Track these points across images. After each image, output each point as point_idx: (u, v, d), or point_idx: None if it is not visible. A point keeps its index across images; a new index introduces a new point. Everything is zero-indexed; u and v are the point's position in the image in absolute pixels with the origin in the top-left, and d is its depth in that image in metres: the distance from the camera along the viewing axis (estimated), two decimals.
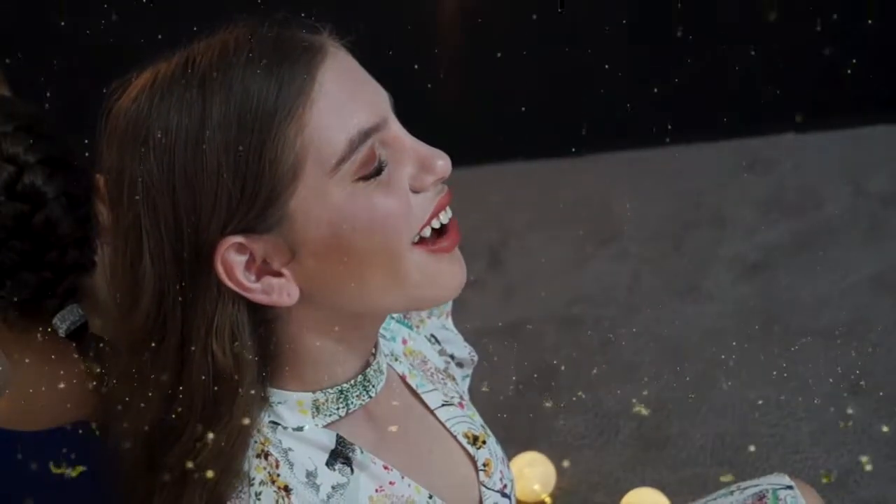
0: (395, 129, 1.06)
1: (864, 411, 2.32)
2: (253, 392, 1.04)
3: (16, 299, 1.31)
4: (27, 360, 1.36)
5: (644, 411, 2.44)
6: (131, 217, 1.00)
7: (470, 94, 3.62)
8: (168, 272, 1.00)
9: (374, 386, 1.16)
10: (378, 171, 1.02)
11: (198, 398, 1.02)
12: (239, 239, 1.00)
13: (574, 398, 2.52)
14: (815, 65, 3.38)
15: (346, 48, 1.07)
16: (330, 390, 1.12)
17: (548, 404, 2.51)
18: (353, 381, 1.14)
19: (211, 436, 1.02)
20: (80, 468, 1.28)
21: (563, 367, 2.66)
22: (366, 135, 1.01)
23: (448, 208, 1.10)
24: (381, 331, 1.30)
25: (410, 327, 1.40)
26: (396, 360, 1.30)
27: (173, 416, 1.03)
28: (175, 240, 0.99)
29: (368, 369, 1.16)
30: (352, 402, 1.13)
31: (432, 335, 1.44)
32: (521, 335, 2.84)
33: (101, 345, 1.30)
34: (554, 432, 2.41)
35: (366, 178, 1.01)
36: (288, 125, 0.97)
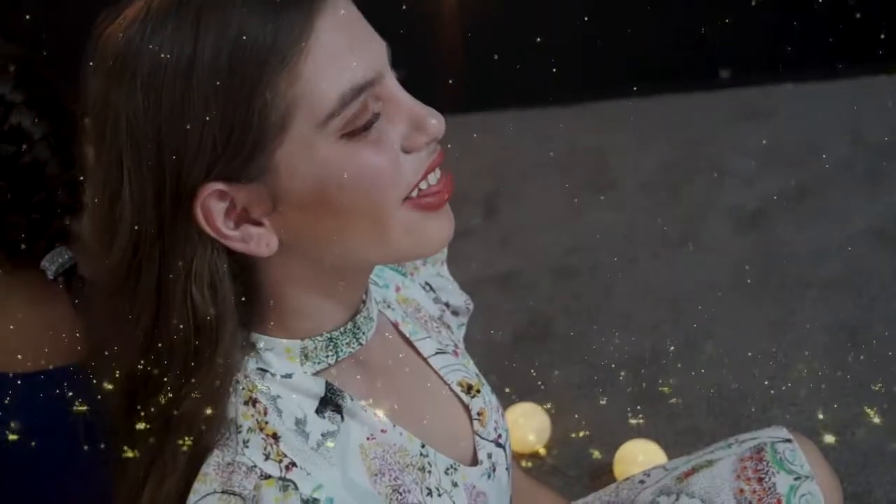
0: (391, 84, 1.03)
1: (862, 363, 2.31)
2: (235, 339, 1.03)
3: (2, 240, 1.30)
4: (16, 302, 1.36)
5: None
6: (113, 153, 0.97)
7: (466, 41, 3.59)
8: (147, 212, 0.98)
9: (363, 333, 1.14)
10: (367, 127, 0.99)
11: (178, 344, 1.01)
12: (220, 186, 0.97)
13: (569, 348, 2.51)
14: (815, 14, 3.36)
15: None
16: (319, 338, 1.11)
17: (543, 354, 2.50)
18: (342, 329, 1.12)
19: (193, 383, 1.00)
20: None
21: (558, 317, 2.66)
22: (359, 90, 0.97)
23: (438, 168, 1.07)
24: (374, 278, 1.28)
25: (404, 274, 1.38)
26: (389, 307, 1.28)
27: (154, 362, 1.02)
28: (156, 180, 0.96)
29: (358, 316, 1.14)
30: (341, 350, 1.12)
31: (427, 283, 1.42)
32: (517, 285, 2.83)
33: (91, 287, 1.29)
34: (549, 383, 2.40)
35: (355, 133, 0.98)
36: (280, 74, 0.94)
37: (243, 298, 1.04)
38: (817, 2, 2.74)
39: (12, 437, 1.34)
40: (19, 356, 1.34)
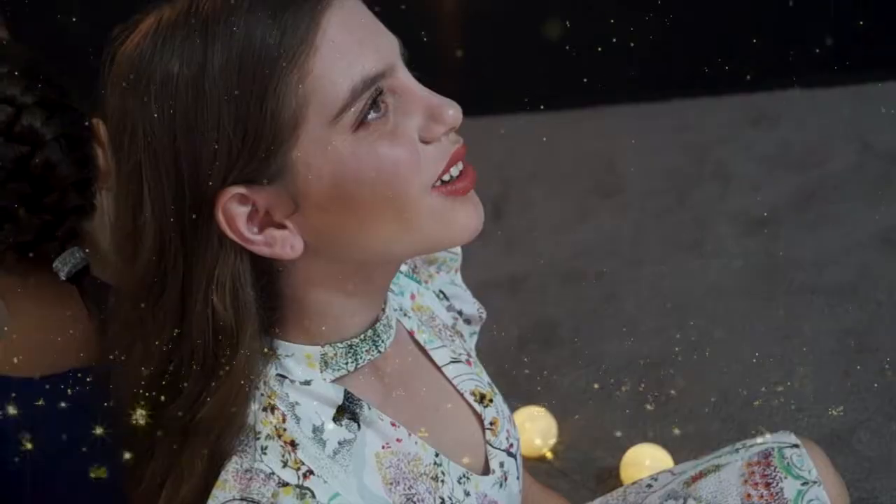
0: (403, 76, 1.03)
1: (868, 369, 2.31)
2: (255, 345, 1.03)
3: (15, 242, 1.30)
4: (27, 305, 1.36)
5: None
6: (133, 165, 0.99)
7: (473, 44, 3.59)
8: (169, 222, 0.99)
9: (383, 341, 1.15)
10: (377, 108, 0.99)
11: (198, 351, 1.01)
12: (241, 190, 0.98)
13: (575, 352, 2.51)
14: (823, 20, 3.36)
15: None
16: (339, 344, 1.11)
17: (549, 358, 2.50)
18: (362, 336, 1.13)
19: (212, 389, 1.01)
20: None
21: (564, 321, 2.66)
22: (370, 82, 0.98)
23: (461, 161, 1.07)
24: (391, 285, 1.28)
25: (419, 282, 1.39)
26: (405, 315, 1.29)
27: (173, 368, 1.02)
28: (176, 189, 0.98)
29: (378, 324, 1.14)
30: (361, 357, 1.12)
31: (441, 291, 1.43)
32: (523, 288, 2.83)
33: (103, 289, 1.29)
34: (555, 386, 2.40)
35: (367, 123, 0.99)
36: (290, 73, 0.95)
37: (264, 304, 1.05)
38: (826, 7, 2.74)
39: (23, 440, 1.34)
40: (32, 358, 1.34)
